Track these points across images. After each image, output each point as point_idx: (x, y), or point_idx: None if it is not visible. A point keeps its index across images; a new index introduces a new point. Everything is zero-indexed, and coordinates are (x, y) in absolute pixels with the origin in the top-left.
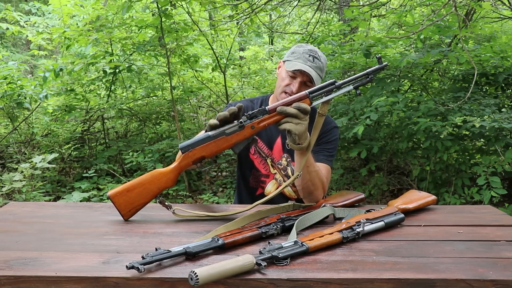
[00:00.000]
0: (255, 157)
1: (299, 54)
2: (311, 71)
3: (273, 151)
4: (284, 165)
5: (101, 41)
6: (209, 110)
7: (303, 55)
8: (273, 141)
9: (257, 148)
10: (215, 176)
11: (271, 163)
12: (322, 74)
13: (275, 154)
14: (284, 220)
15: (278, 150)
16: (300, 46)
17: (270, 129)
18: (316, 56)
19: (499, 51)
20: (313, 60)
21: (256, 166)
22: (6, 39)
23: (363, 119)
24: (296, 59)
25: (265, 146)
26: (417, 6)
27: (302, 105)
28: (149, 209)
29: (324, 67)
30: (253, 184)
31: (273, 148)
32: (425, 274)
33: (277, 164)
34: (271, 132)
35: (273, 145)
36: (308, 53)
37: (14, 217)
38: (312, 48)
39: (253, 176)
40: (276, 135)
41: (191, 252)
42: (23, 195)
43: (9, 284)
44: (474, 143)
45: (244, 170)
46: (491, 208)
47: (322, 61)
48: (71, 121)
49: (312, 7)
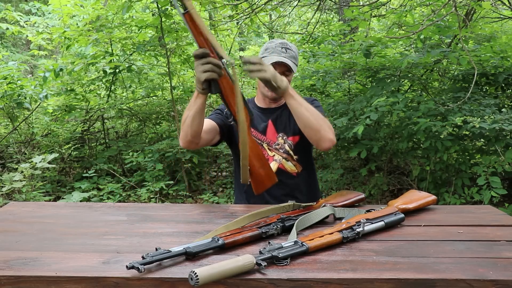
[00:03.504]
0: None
1: (272, 48)
2: (287, 61)
3: (267, 135)
4: (282, 143)
5: (101, 41)
6: (209, 110)
7: (276, 49)
8: (265, 126)
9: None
10: (215, 176)
11: (268, 146)
12: (296, 62)
13: (270, 137)
14: (284, 220)
15: (272, 132)
16: (271, 42)
17: (261, 117)
18: (288, 47)
19: (499, 51)
20: (286, 51)
21: None
22: (6, 39)
23: (363, 119)
24: (271, 54)
25: (259, 133)
26: (417, 6)
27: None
28: (150, 209)
29: (297, 55)
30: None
31: (267, 132)
32: (425, 274)
33: (274, 145)
34: (260, 119)
35: (266, 129)
36: (280, 46)
37: (14, 217)
38: (282, 41)
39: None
40: (266, 119)
41: (191, 252)
42: (23, 195)
43: (9, 284)
44: (474, 143)
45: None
46: (491, 208)
47: (294, 50)
48: (71, 121)
49: (312, 7)
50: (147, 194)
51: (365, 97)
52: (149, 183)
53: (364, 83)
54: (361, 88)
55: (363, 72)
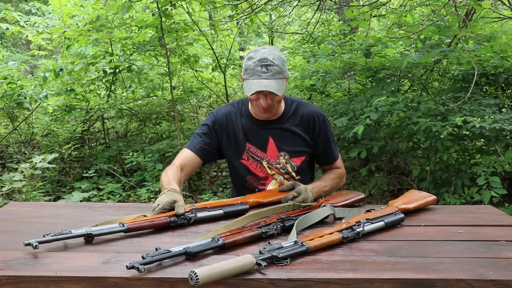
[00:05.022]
0: (250, 162)
1: (251, 70)
2: (269, 85)
3: (267, 152)
4: (283, 163)
5: (101, 41)
6: (209, 110)
7: (255, 70)
8: (265, 143)
9: (249, 154)
10: (215, 176)
11: (268, 164)
12: (283, 75)
13: (270, 155)
14: (284, 220)
15: (272, 150)
16: (250, 59)
17: (260, 131)
18: (268, 63)
19: (499, 51)
20: (267, 69)
21: (252, 171)
22: (6, 39)
23: (363, 119)
24: (251, 76)
25: (258, 150)
26: (417, 6)
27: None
28: (150, 209)
29: (283, 66)
30: (251, 188)
31: (267, 150)
32: (425, 274)
33: (274, 164)
34: (261, 134)
35: (266, 146)
36: (259, 64)
37: (14, 217)
38: (262, 56)
39: (250, 181)
40: (266, 134)
41: (191, 252)
42: (23, 195)
43: (9, 284)
44: (474, 143)
45: (239, 177)
46: (491, 208)
47: (277, 62)
48: (71, 121)
49: (312, 7)
50: (147, 194)
51: (365, 97)
52: (149, 183)
53: (364, 83)
54: (361, 88)
55: (363, 72)
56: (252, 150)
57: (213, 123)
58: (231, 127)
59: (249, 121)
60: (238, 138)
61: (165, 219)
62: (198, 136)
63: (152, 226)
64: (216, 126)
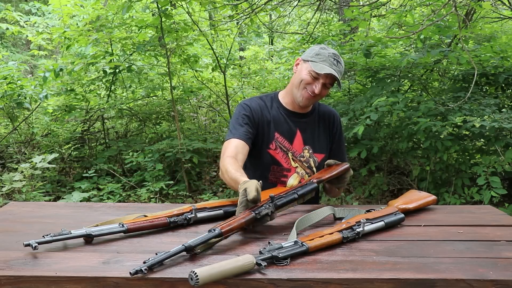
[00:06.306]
0: (277, 152)
1: (325, 57)
2: (337, 76)
3: (293, 145)
4: (307, 157)
5: (101, 41)
6: (209, 110)
7: (329, 59)
8: (293, 135)
9: (277, 143)
10: (215, 176)
11: (292, 156)
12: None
13: (296, 148)
14: (273, 198)
15: (298, 143)
16: (324, 49)
17: (288, 123)
18: (339, 61)
19: (499, 51)
20: (337, 64)
21: (278, 161)
22: (6, 39)
23: (363, 119)
24: (322, 61)
25: (286, 141)
26: (417, 6)
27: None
28: (150, 209)
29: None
30: (272, 180)
31: (293, 142)
32: (425, 274)
33: (299, 157)
34: (289, 126)
35: (293, 139)
36: (333, 56)
37: (14, 217)
38: (335, 52)
39: (273, 171)
40: (295, 128)
41: (191, 246)
42: (23, 195)
43: (9, 284)
44: (474, 143)
45: (263, 167)
46: (491, 208)
47: (343, 65)
48: (71, 121)
49: (312, 7)
50: (147, 194)
51: (365, 97)
52: (149, 183)
53: (364, 83)
54: (361, 88)
55: (363, 72)
56: (280, 140)
57: (251, 113)
58: (264, 117)
59: (280, 111)
60: (269, 127)
61: (165, 220)
62: (239, 126)
63: (152, 226)
64: (254, 115)
